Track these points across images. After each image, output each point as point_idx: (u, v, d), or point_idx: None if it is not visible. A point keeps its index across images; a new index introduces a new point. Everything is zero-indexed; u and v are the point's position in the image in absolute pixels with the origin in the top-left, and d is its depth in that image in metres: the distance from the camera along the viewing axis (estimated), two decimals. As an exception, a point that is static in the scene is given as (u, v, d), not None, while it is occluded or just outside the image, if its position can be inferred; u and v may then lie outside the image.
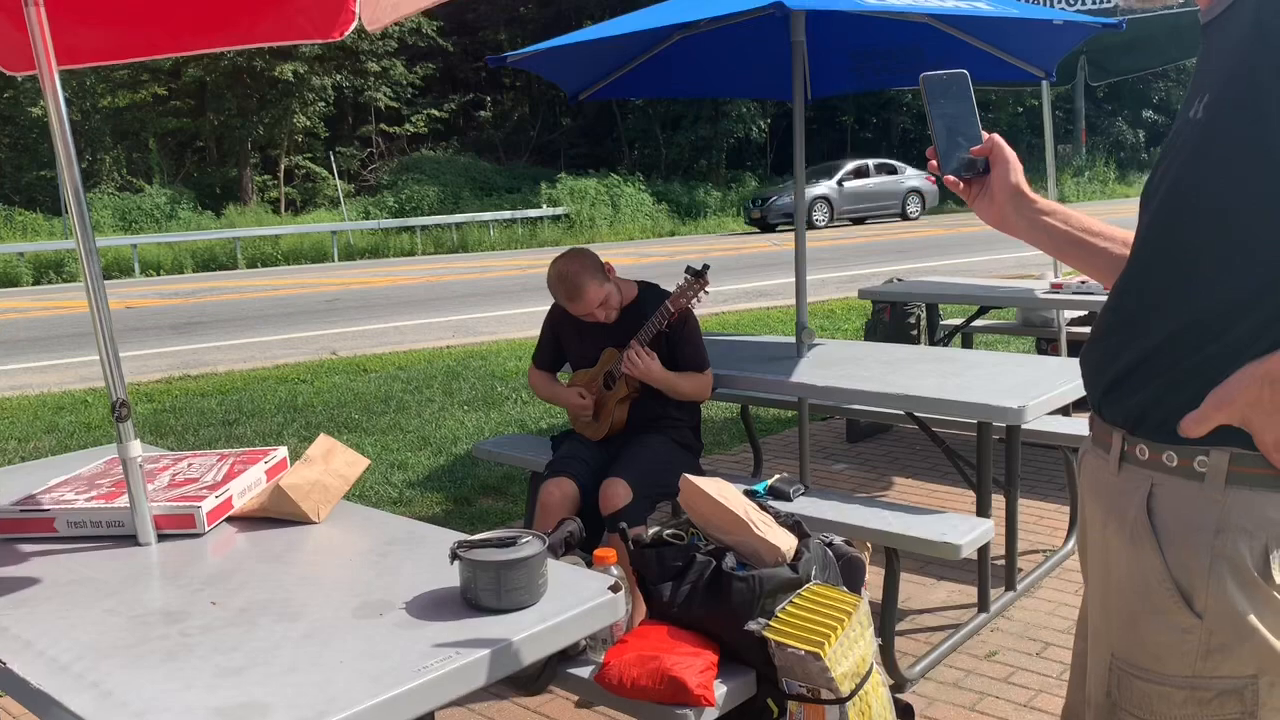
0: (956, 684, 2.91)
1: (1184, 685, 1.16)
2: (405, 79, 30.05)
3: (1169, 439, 1.15)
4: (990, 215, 1.39)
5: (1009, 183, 1.36)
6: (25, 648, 1.44)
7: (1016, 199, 1.36)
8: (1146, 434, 1.18)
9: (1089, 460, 1.33)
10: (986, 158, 1.38)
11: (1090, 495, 1.32)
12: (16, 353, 10.41)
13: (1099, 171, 31.98)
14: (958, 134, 1.39)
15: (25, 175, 25.06)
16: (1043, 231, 1.37)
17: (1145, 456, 1.19)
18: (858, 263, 15.18)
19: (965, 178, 1.39)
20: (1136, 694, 1.20)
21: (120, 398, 1.82)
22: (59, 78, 1.82)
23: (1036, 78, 4.49)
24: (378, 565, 1.71)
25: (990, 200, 1.38)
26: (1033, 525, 4.11)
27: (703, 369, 3.30)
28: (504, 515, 4.57)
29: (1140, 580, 1.18)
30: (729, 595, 2.13)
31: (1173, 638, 1.16)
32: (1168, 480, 1.16)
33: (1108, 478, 1.25)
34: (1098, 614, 1.28)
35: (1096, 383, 1.27)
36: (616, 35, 3.53)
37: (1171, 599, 1.15)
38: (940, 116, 1.39)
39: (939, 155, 1.39)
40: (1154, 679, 1.18)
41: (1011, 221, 1.38)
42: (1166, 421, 1.15)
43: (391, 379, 7.91)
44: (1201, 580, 1.13)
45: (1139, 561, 1.18)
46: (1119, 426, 1.23)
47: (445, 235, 23.50)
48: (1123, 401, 1.22)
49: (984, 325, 6.42)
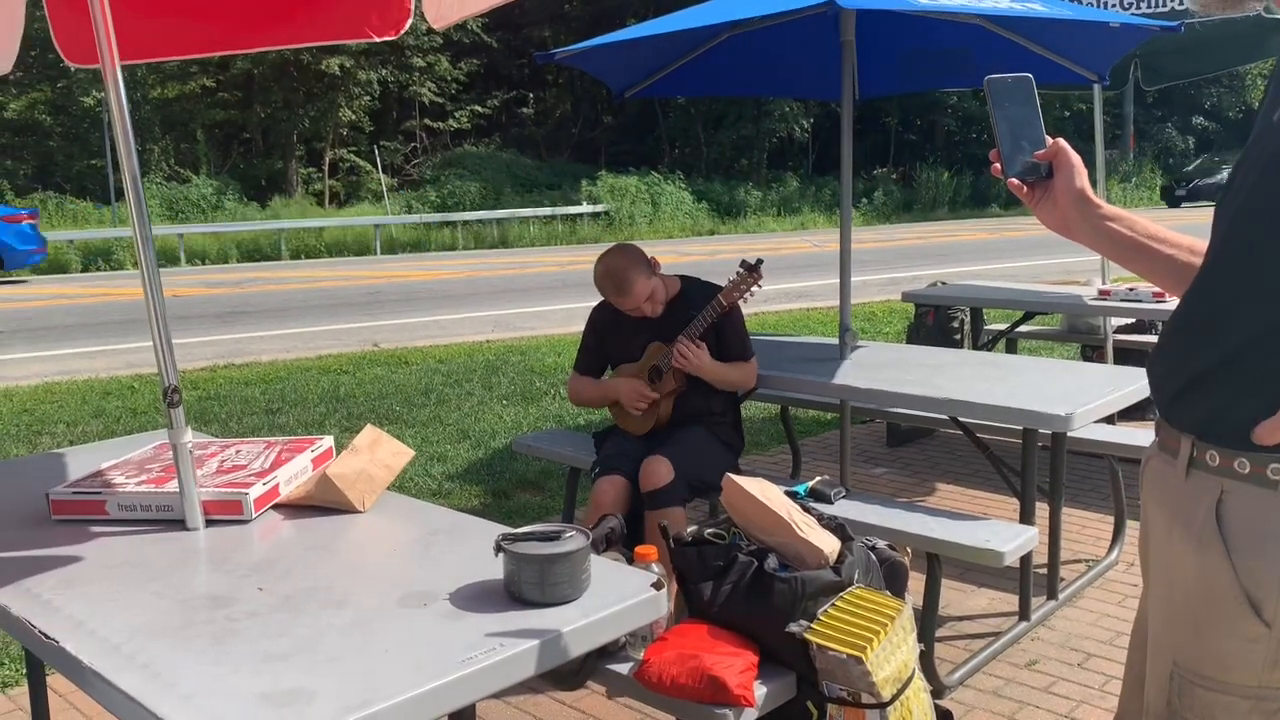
0: (996, 692, 2.88)
1: (1249, 695, 1.14)
2: (449, 75, 30.19)
3: (1242, 445, 1.13)
4: (1053, 220, 1.37)
5: (1073, 187, 1.34)
6: (77, 627, 1.47)
7: (1081, 204, 1.34)
8: (1217, 440, 1.16)
9: (1154, 465, 1.31)
10: (1050, 162, 1.36)
11: (1154, 501, 1.30)
12: (65, 338, 10.59)
13: (1146, 178, 31.50)
14: (1021, 137, 1.38)
15: (76, 164, 25.47)
16: (1106, 237, 1.34)
17: (1216, 463, 1.17)
18: (900, 266, 15.06)
19: (1029, 181, 1.38)
20: (1199, 703, 1.18)
21: (172, 384, 1.85)
22: (120, 70, 1.84)
23: (1088, 81, 4.42)
24: (421, 556, 1.72)
25: (1053, 205, 1.36)
26: (1076, 534, 4.06)
27: (748, 358, 3.35)
28: (542, 510, 4.58)
29: (1207, 588, 1.17)
30: (771, 596, 2.11)
31: (1239, 647, 1.14)
32: (1239, 487, 1.14)
33: (1174, 483, 1.23)
34: (1160, 622, 1.26)
35: (1165, 387, 1.25)
36: (666, 33, 3.52)
37: (1240, 607, 1.13)
38: (1004, 119, 1.38)
39: (1002, 158, 1.38)
40: (1218, 688, 1.16)
41: (1075, 226, 1.36)
42: (1240, 427, 1.13)
43: (432, 372, 7.96)
44: (1272, 589, 1.11)
45: (1206, 569, 1.16)
46: (1188, 432, 1.21)
47: (486, 231, 23.60)
48: (1194, 406, 1.20)
49: (1029, 331, 6.34)
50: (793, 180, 29.85)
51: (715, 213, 26.93)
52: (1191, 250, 1.33)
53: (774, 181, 29.58)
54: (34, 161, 25.87)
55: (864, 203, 28.30)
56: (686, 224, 25.67)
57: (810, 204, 28.45)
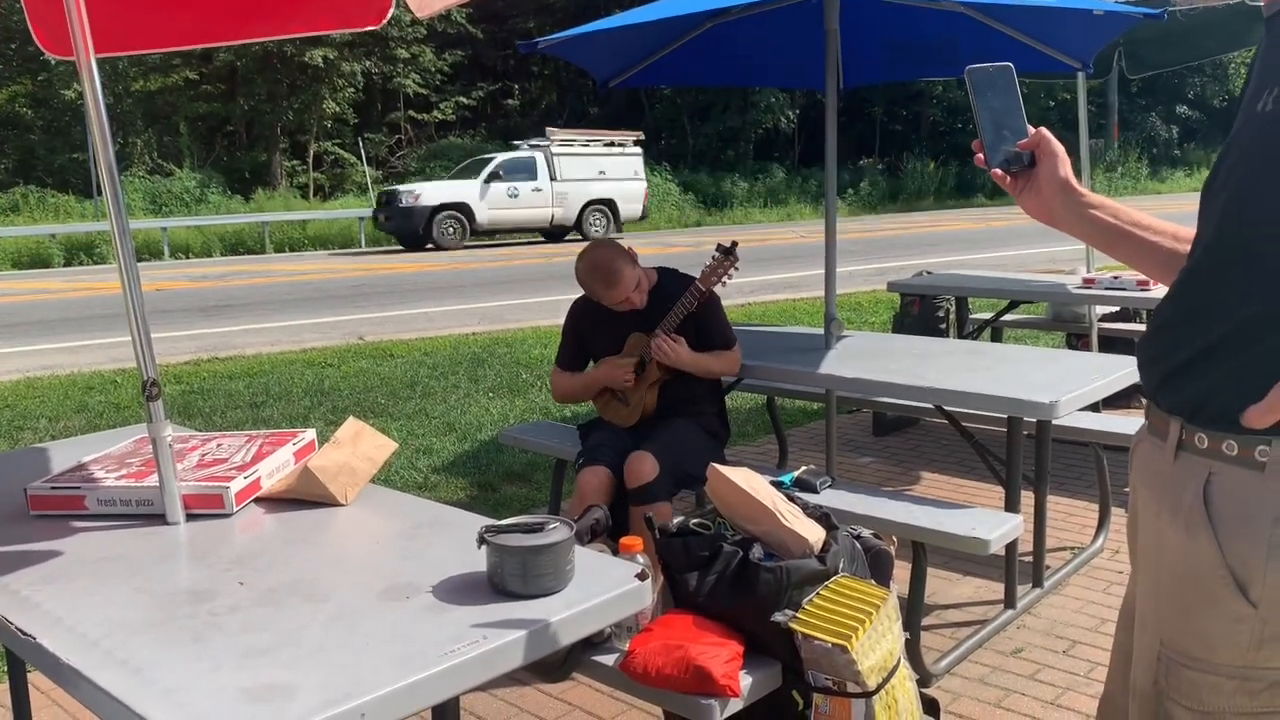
0: (982, 680, 2.89)
1: (1235, 675, 1.15)
2: (434, 66, 30.09)
3: (1230, 428, 1.14)
4: (1037, 209, 1.38)
5: (1057, 176, 1.35)
6: (55, 623, 1.45)
7: (1064, 193, 1.35)
8: (1206, 422, 1.17)
9: (1143, 448, 1.31)
10: (1032, 151, 1.37)
11: (1143, 483, 1.31)
12: (48, 332, 10.52)
13: (1131, 167, 31.63)
14: (1003, 127, 1.38)
15: (58, 158, 25.29)
16: (1091, 225, 1.35)
17: (1204, 445, 1.17)
18: (885, 256, 15.08)
19: (1012, 171, 1.38)
20: (1185, 683, 1.19)
21: (151, 377, 1.83)
22: (95, 63, 1.82)
23: (1072, 69, 4.42)
24: (404, 548, 1.71)
25: (1037, 194, 1.37)
26: (1061, 522, 4.07)
27: (730, 346, 3.36)
28: (528, 502, 4.57)
29: (1194, 569, 1.17)
30: (756, 586, 2.11)
31: (1226, 627, 1.15)
32: (1226, 469, 1.15)
33: (1163, 466, 1.24)
34: (1147, 603, 1.27)
35: (1155, 371, 1.25)
36: (650, 21, 3.51)
37: (1226, 588, 1.14)
38: (986, 110, 1.38)
39: (985, 149, 1.38)
40: (1204, 668, 1.17)
41: (1059, 215, 1.36)
42: (1228, 410, 1.13)
43: (417, 364, 7.93)
44: (1259, 570, 1.12)
45: (1193, 550, 1.17)
46: (1177, 414, 1.21)
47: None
48: (1183, 389, 1.20)
49: (1014, 320, 6.36)
50: (779, 171, 29.87)
51: (701, 204, 26.92)
52: (1175, 237, 1.33)
53: (760, 172, 29.60)
54: (15, 155, 25.69)
55: (850, 193, 28.34)
56: (673, 215, 25.65)
57: (796, 195, 28.48)
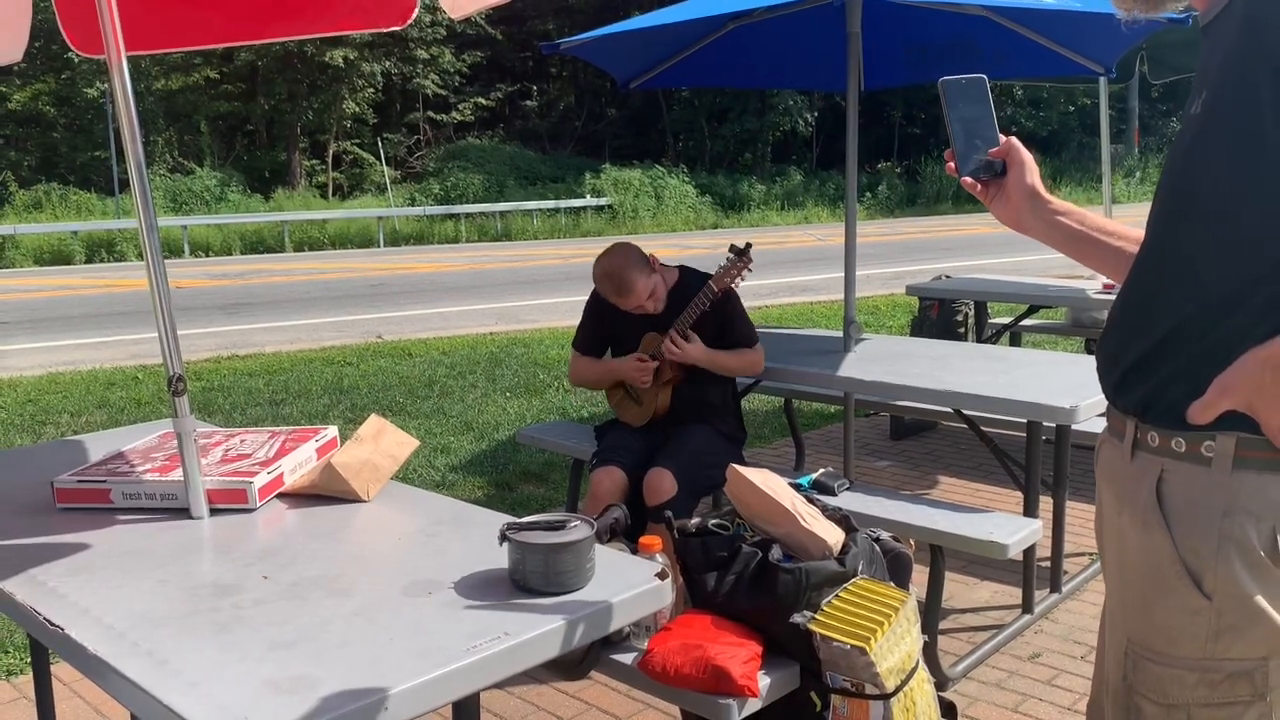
0: (999, 685, 2.88)
1: (1195, 667, 1.18)
2: (453, 67, 30.16)
3: (1177, 425, 1.17)
4: (1007, 216, 1.43)
5: (1025, 184, 1.40)
6: (82, 615, 1.47)
7: (1032, 200, 1.40)
8: (1156, 421, 1.21)
9: (1105, 449, 1.35)
10: (1004, 160, 1.41)
11: (1106, 483, 1.35)
12: (69, 328, 10.60)
13: (1152, 173, 31.41)
14: (975, 136, 1.43)
15: (80, 155, 25.47)
16: (1058, 231, 1.40)
17: (1155, 443, 1.21)
18: (903, 259, 15.03)
19: (983, 179, 1.43)
20: (1150, 677, 1.22)
21: (177, 372, 1.84)
22: (126, 60, 1.84)
23: (1094, 73, 4.41)
24: (426, 545, 1.72)
25: (1006, 201, 1.42)
26: (1079, 527, 4.06)
27: (753, 344, 3.33)
28: (545, 501, 4.59)
29: (1152, 564, 1.21)
30: (775, 587, 2.11)
31: (1183, 619, 1.18)
32: (1177, 465, 1.19)
33: (1121, 465, 1.28)
34: (1114, 601, 1.31)
35: (1110, 373, 1.30)
36: (671, 23, 3.52)
37: (1181, 580, 1.17)
38: (958, 120, 1.43)
39: (957, 157, 1.43)
40: (1166, 662, 1.20)
41: (1028, 222, 1.41)
42: (1174, 408, 1.17)
43: (435, 364, 7.96)
44: (1210, 561, 1.15)
45: (1150, 545, 1.21)
46: (1130, 415, 1.26)
47: (489, 223, 23.57)
48: (1133, 390, 1.25)
49: (1033, 325, 6.34)
50: (796, 174, 29.78)
51: (719, 206, 26.88)
52: (1137, 242, 1.38)
53: (778, 175, 29.52)
54: (38, 153, 25.88)
55: (868, 196, 28.23)
56: (690, 217, 25.63)
57: (814, 198, 28.38)
